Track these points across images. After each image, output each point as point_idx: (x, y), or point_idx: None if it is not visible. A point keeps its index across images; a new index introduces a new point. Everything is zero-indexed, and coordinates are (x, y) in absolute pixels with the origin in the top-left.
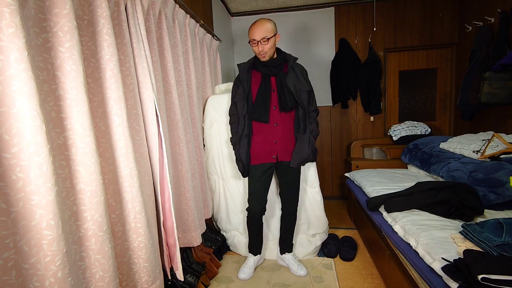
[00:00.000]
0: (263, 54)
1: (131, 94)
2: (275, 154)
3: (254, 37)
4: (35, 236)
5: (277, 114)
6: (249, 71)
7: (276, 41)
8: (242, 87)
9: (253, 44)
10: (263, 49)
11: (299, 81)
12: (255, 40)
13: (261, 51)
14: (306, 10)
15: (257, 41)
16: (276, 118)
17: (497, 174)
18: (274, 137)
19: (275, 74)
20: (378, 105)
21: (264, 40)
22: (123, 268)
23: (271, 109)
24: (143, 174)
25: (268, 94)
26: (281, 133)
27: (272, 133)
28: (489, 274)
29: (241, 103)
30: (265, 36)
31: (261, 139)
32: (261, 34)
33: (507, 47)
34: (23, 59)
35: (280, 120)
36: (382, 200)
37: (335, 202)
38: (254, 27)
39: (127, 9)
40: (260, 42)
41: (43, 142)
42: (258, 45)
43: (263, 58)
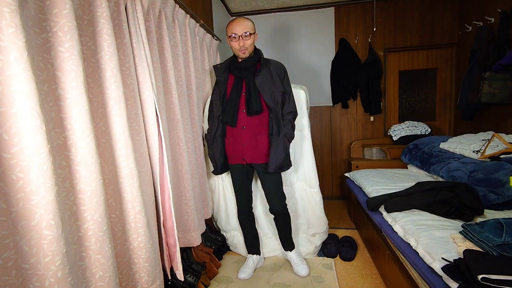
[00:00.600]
0: (243, 49)
1: (131, 94)
2: (244, 157)
3: (235, 31)
4: (35, 236)
5: (245, 117)
6: (226, 71)
7: (255, 39)
8: (218, 89)
9: (233, 39)
10: (244, 44)
11: (272, 82)
12: (236, 35)
13: (242, 46)
14: (306, 10)
15: (238, 36)
16: (244, 122)
17: (497, 174)
18: (241, 140)
19: (245, 76)
20: (378, 105)
21: (246, 35)
22: (123, 268)
23: (239, 113)
24: (143, 174)
25: (238, 98)
26: (248, 137)
27: (240, 136)
28: (489, 274)
29: (216, 104)
30: (246, 31)
31: (231, 141)
32: (243, 29)
33: (507, 47)
34: (23, 59)
35: (248, 124)
36: (382, 200)
37: (335, 202)
38: (235, 22)
39: (127, 9)
40: (241, 36)
41: (43, 142)
42: (239, 40)
43: (243, 55)
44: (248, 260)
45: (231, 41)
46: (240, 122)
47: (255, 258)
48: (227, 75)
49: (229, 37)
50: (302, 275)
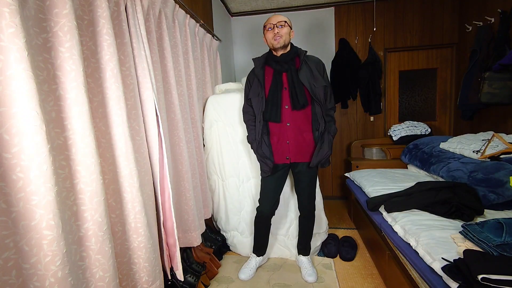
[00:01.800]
0: (278, 37)
1: (131, 94)
2: (288, 155)
3: (270, 22)
4: (35, 236)
5: (289, 113)
6: (263, 66)
7: (291, 34)
8: (258, 82)
9: (267, 31)
10: (278, 31)
11: (313, 76)
12: (272, 24)
13: (276, 34)
14: (306, 10)
15: (273, 25)
16: (288, 118)
17: (497, 174)
18: (286, 138)
19: (286, 70)
20: (378, 105)
21: (280, 23)
22: (123, 268)
23: (282, 108)
24: (143, 174)
25: (279, 93)
26: (293, 133)
27: (284, 133)
28: (489, 274)
29: (256, 99)
30: (281, 20)
31: (275, 140)
32: (277, 19)
33: (507, 47)
34: (23, 59)
35: (292, 120)
36: (382, 200)
37: (335, 202)
38: (271, 16)
39: (127, 9)
40: (276, 25)
41: (43, 142)
42: (274, 28)
43: (277, 43)
44: (251, 260)
45: (266, 33)
46: (284, 118)
47: (258, 259)
48: (263, 70)
49: (264, 30)
50: (308, 280)
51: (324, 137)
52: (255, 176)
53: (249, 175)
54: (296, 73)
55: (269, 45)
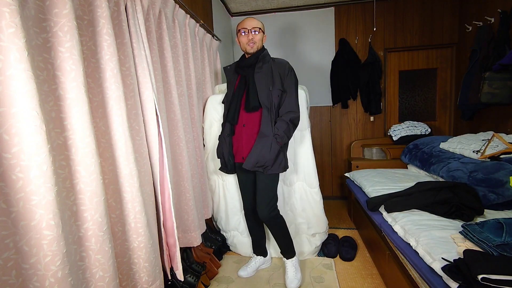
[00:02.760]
0: (251, 43)
1: (131, 94)
2: (243, 155)
3: (245, 26)
4: (35, 236)
5: (245, 115)
6: (235, 72)
7: (263, 39)
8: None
9: (241, 35)
10: (253, 37)
11: (271, 79)
12: (246, 29)
13: (250, 40)
14: (306, 10)
15: (248, 30)
16: (244, 119)
17: (497, 174)
18: (241, 138)
19: (247, 73)
20: (378, 105)
21: (255, 29)
22: (123, 268)
23: (241, 110)
24: (143, 174)
25: (241, 95)
26: (247, 135)
27: (240, 134)
28: (489, 274)
29: (226, 104)
30: (256, 27)
31: (235, 139)
32: (253, 25)
33: (507, 47)
34: (23, 59)
35: (247, 121)
36: (382, 200)
37: (335, 202)
38: (245, 19)
39: (127, 9)
40: (250, 30)
41: (43, 142)
42: (248, 33)
43: (251, 49)
44: (251, 259)
45: (240, 36)
46: (241, 119)
47: (258, 259)
48: (236, 76)
49: (238, 33)
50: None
51: (265, 140)
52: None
53: None
54: (252, 76)
55: (242, 48)
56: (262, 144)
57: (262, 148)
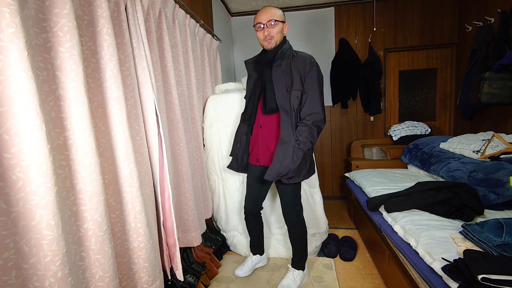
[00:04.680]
0: (268, 38)
1: (131, 94)
2: (257, 157)
3: (259, 20)
4: (35, 236)
5: (262, 116)
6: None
7: (284, 30)
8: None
9: (258, 29)
10: (269, 32)
11: (290, 78)
12: (261, 23)
13: (267, 35)
14: (306, 10)
15: (263, 24)
16: (261, 120)
17: (497, 174)
18: (257, 140)
19: (264, 71)
20: (378, 105)
21: (271, 22)
22: (123, 268)
23: (258, 110)
24: (143, 174)
25: (257, 95)
26: (263, 137)
27: (256, 136)
28: (489, 274)
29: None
30: (272, 19)
31: (252, 140)
32: (268, 17)
33: (507, 47)
34: (23, 59)
35: (265, 123)
36: (382, 200)
37: (335, 202)
38: (261, 11)
39: (127, 9)
40: (266, 25)
41: (43, 142)
42: (264, 29)
43: (268, 45)
44: (248, 258)
45: (257, 32)
46: (258, 120)
47: (254, 258)
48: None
49: (255, 28)
50: None
51: (286, 147)
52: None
53: None
54: (269, 75)
55: (260, 45)
56: (284, 151)
57: (284, 156)
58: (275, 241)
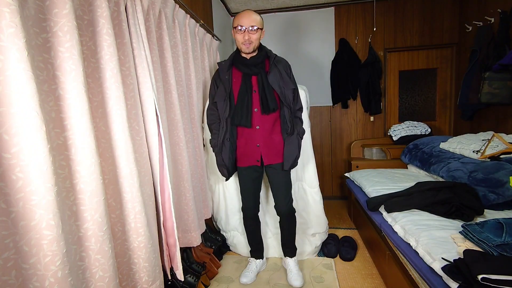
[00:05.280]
0: (247, 43)
1: (131, 94)
2: (259, 158)
3: (241, 23)
4: (35, 236)
5: (259, 116)
6: (230, 69)
7: (261, 36)
8: (223, 87)
9: (238, 31)
10: (249, 37)
11: (282, 79)
12: (242, 27)
13: (247, 40)
14: (306, 10)
15: (244, 28)
16: (258, 121)
17: (497, 174)
18: (256, 141)
19: (256, 73)
20: (378, 105)
21: (252, 28)
22: (123, 268)
23: (252, 112)
24: (143, 174)
25: (250, 96)
26: (263, 136)
27: (254, 137)
28: (489, 274)
29: (221, 104)
30: (254, 25)
31: (243, 143)
32: (250, 22)
33: (507, 47)
34: (23, 59)
35: (262, 123)
36: (382, 200)
37: (335, 202)
38: (242, 13)
39: (127, 9)
40: (247, 29)
41: (43, 142)
42: (245, 32)
43: (246, 49)
44: (251, 264)
45: (236, 33)
46: (254, 122)
47: (258, 262)
48: (230, 73)
49: (234, 29)
50: (295, 285)
51: (292, 139)
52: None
53: None
54: (266, 76)
55: (237, 46)
56: (291, 143)
57: (293, 147)
58: (275, 241)
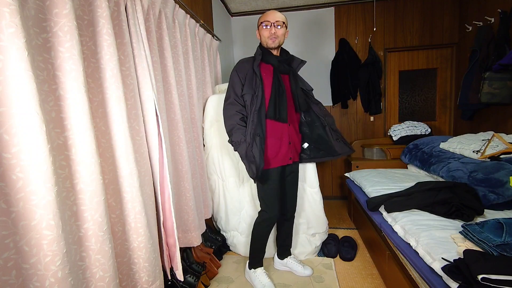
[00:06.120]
0: (274, 37)
1: (131, 94)
2: (291, 155)
3: (267, 19)
4: (35, 236)
5: (292, 114)
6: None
7: (286, 35)
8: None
9: (264, 26)
10: (275, 32)
11: (304, 83)
12: (269, 22)
13: (273, 34)
14: (306, 10)
15: (271, 23)
16: (290, 118)
17: (497, 174)
18: (289, 138)
19: (288, 71)
20: (378, 105)
21: (279, 23)
22: (123, 268)
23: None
24: (143, 174)
25: (284, 91)
26: (294, 134)
27: (287, 134)
28: (489, 274)
29: (250, 97)
30: (279, 20)
31: (272, 141)
32: (275, 18)
33: (507, 47)
34: (23, 59)
35: (292, 120)
36: (382, 200)
37: (335, 202)
38: (268, 12)
39: (127, 9)
40: (273, 24)
41: (43, 142)
42: (271, 27)
43: (272, 43)
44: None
45: (261, 30)
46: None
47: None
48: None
49: (260, 26)
50: (307, 274)
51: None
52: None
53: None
54: (295, 77)
55: (263, 42)
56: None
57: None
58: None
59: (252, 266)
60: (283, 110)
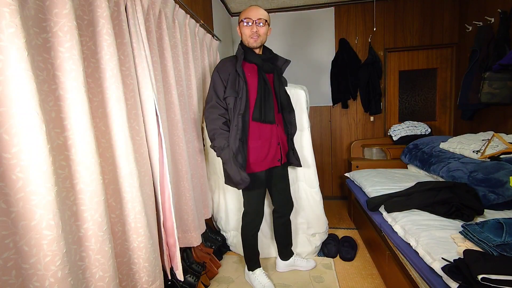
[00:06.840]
0: (255, 36)
1: (131, 94)
2: (279, 157)
3: (249, 16)
4: (35, 236)
5: (277, 114)
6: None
7: (268, 33)
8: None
9: (245, 23)
10: (257, 30)
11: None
12: (250, 20)
13: (254, 33)
14: (306, 10)
15: (253, 21)
16: (277, 119)
17: (497, 174)
18: (277, 139)
19: (273, 70)
20: (378, 105)
21: (260, 22)
22: (123, 268)
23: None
24: (143, 174)
25: (270, 92)
26: (282, 134)
27: (275, 135)
28: (489, 274)
29: (233, 99)
30: (262, 18)
31: (259, 143)
32: (257, 15)
33: (507, 47)
34: (23, 59)
35: (279, 121)
36: (382, 200)
37: (335, 202)
38: (250, 8)
39: (127, 9)
40: (255, 22)
41: (43, 142)
42: (253, 25)
43: (254, 42)
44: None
45: (243, 27)
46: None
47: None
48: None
49: (241, 23)
50: (313, 266)
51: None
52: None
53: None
54: (279, 76)
55: (244, 41)
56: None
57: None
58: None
59: (250, 268)
60: (269, 111)
